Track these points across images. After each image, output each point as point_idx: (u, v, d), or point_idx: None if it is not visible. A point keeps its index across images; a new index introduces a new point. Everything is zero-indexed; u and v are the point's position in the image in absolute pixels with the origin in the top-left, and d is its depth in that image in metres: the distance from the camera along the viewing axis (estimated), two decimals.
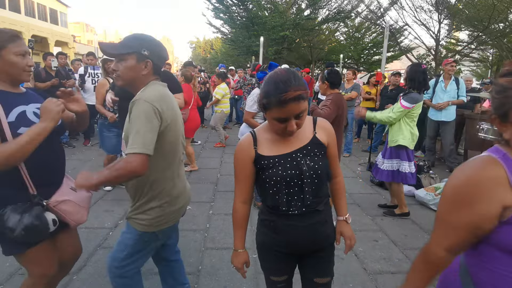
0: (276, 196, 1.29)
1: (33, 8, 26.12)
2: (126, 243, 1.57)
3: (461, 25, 15.18)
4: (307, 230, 1.31)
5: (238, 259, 1.47)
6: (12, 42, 1.43)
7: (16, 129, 1.40)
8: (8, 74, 1.45)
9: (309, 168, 1.26)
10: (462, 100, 5.24)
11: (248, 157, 1.31)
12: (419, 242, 3.09)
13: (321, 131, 1.35)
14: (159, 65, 1.50)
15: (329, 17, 18.16)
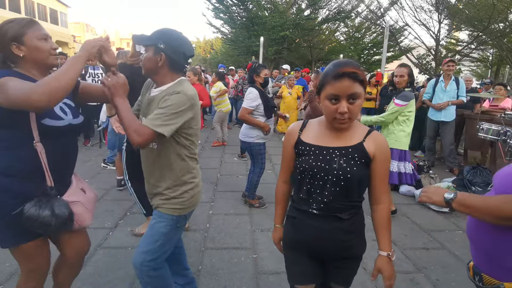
0: (301, 184, 1.31)
1: (33, 8, 26.13)
2: (160, 232, 1.65)
3: (461, 25, 15.19)
4: (327, 234, 1.29)
5: (275, 234, 1.55)
6: (31, 27, 1.43)
7: (40, 119, 1.40)
8: (35, 60, 1.45)
9: (339, 168, 1.23)
10: (462, 100, 5.24)
11: (292, 140, 1.36)
12: (419, 242, 3.10)
13: (371, 143, 1.28)
14: (175, 59, 1.56)
15: (329, 17, 18.18)
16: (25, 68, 1.45)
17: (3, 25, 1.42)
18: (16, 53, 1.41)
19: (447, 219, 3.67)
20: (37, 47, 1.43)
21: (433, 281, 2.51)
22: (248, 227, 3.30)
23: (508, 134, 4.05)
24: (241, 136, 3.75)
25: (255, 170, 3.77)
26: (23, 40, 1.41)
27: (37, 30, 1.44)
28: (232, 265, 2.63)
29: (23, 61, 1.44)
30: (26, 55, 1.42)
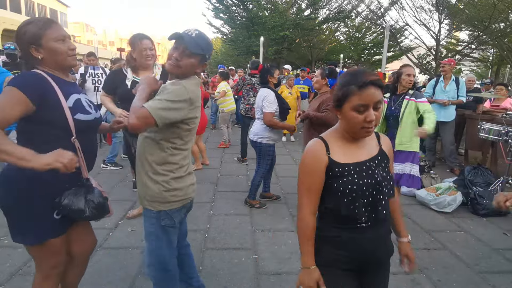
0: (351, 206, 1.21)
1: (33, 8, 26.16)
2: (148, 231, 1.68)
3: (462, 25, 15.18)
4: (374, 242, 1.27)
5: (312, 277, 1.25)
6: (49, 28, 1.44)
7: (74, 114, 1.47)
8: (55, 62, 1.47)
9: (382, 178, 1.24)
10: (461, 100, 5.23)
11: (322, 164, 1.23)
12: (420, 242, 3.09)
13: (385, 145, 1.34)
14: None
15: (329, 17, 18.16)
16: (47, 68, 1.49)
17: (22, 27, 1.43)
18: (35, 56, 1.43)
19: (448, 219, 3.66)
20: (54, 49, 1.44)
21: (435, 281, 2.50)
22: (249, 227, 3.29)
23: (509, 134, 4.04)
24: (252, 136, 3.73)
25: (259, 170, 3.76)
26: (41, 43, 1.42)
27: (55, 31, 1.45)
28: (233, 265, 2.62)
29: (43, 63, 1.47)
30: (45, 57, 1.45)
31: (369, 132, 1.20)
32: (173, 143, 1.59)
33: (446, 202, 3.79)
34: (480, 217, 3.72)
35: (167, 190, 1.60)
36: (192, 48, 1.49)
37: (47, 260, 1.56)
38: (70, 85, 1.56)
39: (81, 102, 1.55)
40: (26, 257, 2.56)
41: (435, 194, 3.95)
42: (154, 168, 1.59)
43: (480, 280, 2.54)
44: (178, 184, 1.64)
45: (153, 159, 1.58)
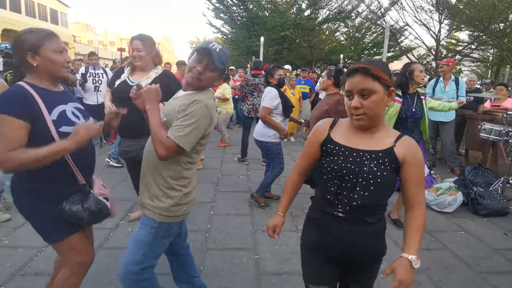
0: (327, 185, 1.28)
1: (33, 8, 26.13)
2: (141, 240, 1.63)
3: (462, 25, 15.18)
4: (353, 238, 1.28)
5: (272, 219, 1.49)
6: (49, 39, 1.48)
7: (58, 127, 1.48)
8: (49, 71, 1.50)
9: (369, 171, 1.22)
10: (462, 100, 5.23)
11: (320, 137, 1.33)
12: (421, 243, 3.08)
13: (402, 148, 1.25)
14: None
15: (329, 17, 18.16)
16: (37, 77, 1.51)
17: (23, 33, 1.48)
18: (30, 62, 1.46)
19: (449, 219, 3.66)
20: (52, 60, 1.48)
21: (435, 281, 2.50)
22: (250, 227, 3.29)
23: (510, 134, 4.04)
24: (256, 135, 3.72)
25: (274, 169, 3.77)
26: (39, 51, 1.46)
27: (54, 43, 1.50)
28: (234, 265, 2.62)
29: (36, 70, 1.49)
30: (40, 65, 1.48)
31: (358, 121, 1.22)
32: (190, 158, 1.60)
33: (447, 202, 3.79)
34: (480, 217, 3.72)
35: (178, 205, 1.60)
36: (217, 63, 1.51)
37: (72, 256, 1.63)
38: (57, 95, 1.56)
39: (65, 114, 1.54)
40: (27, 258, 2.56)
41: (436, 194, 3.95)
42: (169, 183, 1.57)
43: (480, 281, 2.54)
44: (187, 199, 1.64)
45: (169, 174, 1.56)
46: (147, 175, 1.62)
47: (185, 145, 1.45)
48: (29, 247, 2.70)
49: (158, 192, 1.57)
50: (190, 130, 1.45)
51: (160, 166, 1.56)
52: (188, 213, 1.72)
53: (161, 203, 1.57)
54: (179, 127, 1.45)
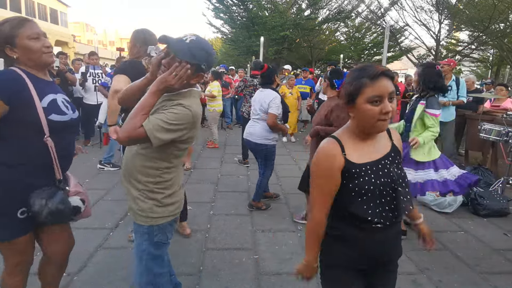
0: (365, 206, 1.19)
1: (33, 8, 26.14)
2: (140, 249, 1.57)
3: (462, 25, 15.17)
4: (385, 243, 1.26)
5: (312, 271, 1.32)
6: (22, 27, 1.42)
7: (48, 114, 1.44)
8: (30, 60, 1.46)
9: (397, 176, 1.22)
10: (462, 100, 5.24)
11: (337, 165, 1.19)
12: None
13: (396, 140, 1.33)
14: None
15: (329, 17, 18.16)
16: (24, 67, 1.47)
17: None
18: (10, 55, 1.42)
19: (449, 220, 3.66)
20: (29, 47, 1.43)
21: (436, 282, 2.49)
22: (249, 227, 3.29)
23: (509, 134, 4.04)
24: (256, 138, 3.62)
25: (266, 173, 3.74)
26: (15, 42, 1.41)
27: (28, 29, 1.43)
28: (234, 266, 2.61)
29: (19, 61, 1.45)
30: (20, 56, 1.43)
31: (385, 125, 1.17)
32: (169, 162, 1.50)
33: (447, 203, 3.79)
34: (480, 218, 3.72)
35: (162, 205, 1.53)
36: (181, 55, 1.35)
37: (12, 257, 1.56)
38: (47, 84, 1.54)
39: (56, 103, 1.52)
40: None
41: (436, 195, 3.93)
42: (149, 187, 1.49)
43: (480, 281, 2.53)
44: (172, 199, 1.56)
45: (148, 179, 1.48)
46: (127, 182, 1.54)
47: (156, 140, 1.33)
48: None
49: (137, 195, 1.51)
50: (168, 130, 1.34)
51: (137, 173, 1.49)
52: (177, 213, 1.63)
53: (144, 204, 1.50)
54: (158, 121, 1.33)
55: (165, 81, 1.35)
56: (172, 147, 1.45)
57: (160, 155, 1.46)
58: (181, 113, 1.37)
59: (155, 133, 1.31)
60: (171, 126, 1.35)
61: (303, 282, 1.38)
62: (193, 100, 1.46)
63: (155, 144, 1.34)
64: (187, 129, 1.41)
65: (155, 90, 1.35)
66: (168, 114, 1.35)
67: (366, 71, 1.15)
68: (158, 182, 1.50)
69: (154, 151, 1.43)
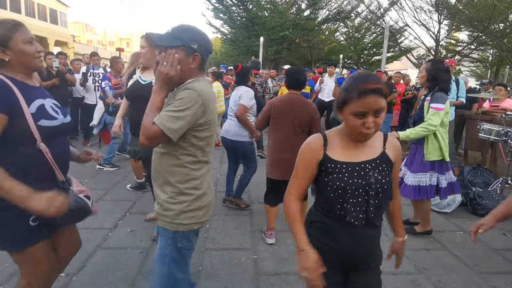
0: (338, 203, 1.25)
1: (33, 8, 26.14)
2: (163, 253, 1.52)
3: (461, 25, 15.18)
4: (364, 242, 1.29)
5: (309, 258, 1.23)
6: (17, 30, 1.42)
7: (37, 120, 1.42)
8: (22, 63, 1.45)
9: (376, 181, 1.24)
10: (461, 101, 5.25)
11: (315, 157, 1.28)
12: (420, 243, 3.08)
13: (390, 149, 1.32)
14: (205, 59, 1.46)
15: (329, 17, 18.17)
16: (11, 71, 1.44)
17: None
18: (2, 58, 1.41)
19: (448, 219, 3.66)
20: (23, 51, 1.42)
21: (434, 282, 2.50)
22: (248, 227, 3.29)
23: (508, 134, 4.05)
24: (230, 135, 3.52)
25: (249, 170, 3.69)
26: (8, 45, 1.40)
27: (22, 33, 1.43)
28: (233, 266, 2.62)
29: (8, 64, 1.43)
30: (12, 59, 1.42)
31: (366, 138, 1.22)
32: (194, 157, 1.44)
33: (446, 203, 3.79)
34: (479, 218, 3.71)
35: (189, 210, 1.47)
36: (165, 43, 1.35)
37: (30, 268, 1.52)
38: (34, 90, 1.51)
39: (45, 108, 1.49)
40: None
41: None
42: (178, 188, 1.45)
43: (480, 281, 2.54)
44: (201, 202, 1.50)
45: (176, 179, 1.44)
46: (157, 186, 1.51)
47: (171, 133, 1.30)
48: None
49: (168, 199, 1.46)
50: (178, 117, 1.31)
51: (166, 175, 1.45)
52: (205, 221, 1.56)
53: (169, 211, 1.45)
54: (167, 113, 1.32)
55: (160, 74, 1.35)
56: (190, 136, 1.40)
57: (182, 150, 1.42)
58: (186, 96, 1.33)
59: (166, 124, 1.29)
60: (180, 113, 1.31)
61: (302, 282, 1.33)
62: (201, 83, 1.40)
63: (174, 138, 1.32)
64: (197, 111, 1.35)
65: (157, 87, 1.38)
66: (175, 102, 1.33)
67: (357, 84, 1.15)
68: (187, 181, 1.45)
69: (175, 146, 1.40)
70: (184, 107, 1.32)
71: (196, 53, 1.40)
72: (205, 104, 1.37)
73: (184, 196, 1.46)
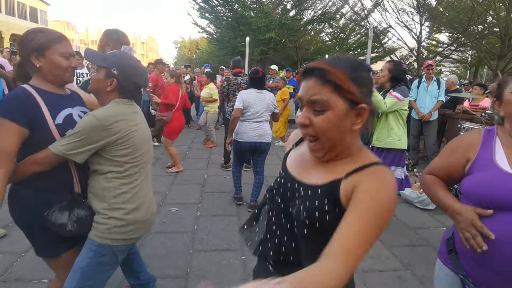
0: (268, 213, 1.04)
1: (13, 6, 25.34)
2: (77, 265, 1.47)
3: (442, 27, 15.61)
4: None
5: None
6: (58, 43, 1.44)
7: (64, 131, 1.43)
8: (51, 74, 1.46)
9: (296, 214, 0.88)
10: (441, 100, 5.42)
11: (286, 151, 1.11)
12: (405, 240, 3.15)
13: (354, 183, 0.80)
14: (126, 87, 1.48)
15: (314, 18, 18.34)
16: (40, 79, 1.46)
17: (32, 32, 1.44)
18: (34, 63, 1.43)
19: (432, 216, 3.75)
20: (57, 63, 1.44)
21: (420, 277, 2.55)
22: (236, 228, 3.28)
23: None
24: (268, 139, 3.69)
25: (262, 169, 3.85)
26: (44, 53, 1.42)
27: (63, 47, 1.46)
28: (221, 267, 2.60)
29: (39, 71, 1.45)
30: (43, 67, 1.43)
31: (311, 145, 0.86)
32: (117, 172, 1.44)
33: (429, 200, 3.88)
34: None
35: (122, 226, 1.45)
36: (91, 58, 1.48)
37: (63, 272, 1.55)
38: (63, 99, 1.51)
39: (72, 117, 1.50)
40: (7, 263, 2.48)
41: (419, 192, 4.04)
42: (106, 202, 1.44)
43: None
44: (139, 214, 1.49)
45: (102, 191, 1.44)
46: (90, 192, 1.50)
47: (59, 151, 1.32)
48: (8, 253, 2.61)
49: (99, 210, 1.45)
50: (70, 140, 1.32)
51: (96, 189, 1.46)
52: (139, 236, 1.55)
53: (102, 225, 1.43)
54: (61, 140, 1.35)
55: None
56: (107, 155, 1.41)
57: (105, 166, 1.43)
58: (85, 124, 1.34)
59: (59, 147, 1.33)
60: (75, 136, 1.33)
61: None
62: (106, 107, 1.43)
63: (70, 155, 1.33)
64: (90, 130, 1.33)
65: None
66: (73, 131, 1.36)
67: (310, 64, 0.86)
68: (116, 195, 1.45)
69: (99, 164, 1.43)
70: (78, 130, 1.34)
71: (113, 78, 1.45)
72: (103, 124, 1.34)
73: (114, 212, 1.44)
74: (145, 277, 2.05)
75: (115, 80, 1.45)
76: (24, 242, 2.44)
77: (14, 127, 1.30)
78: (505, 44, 12.26)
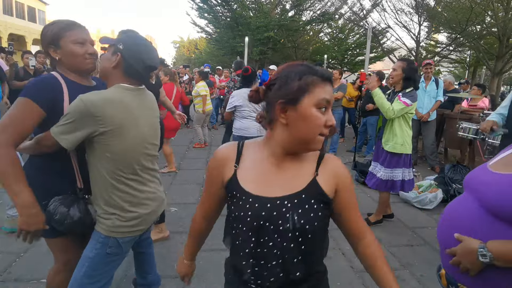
0: (237, 245, 0.93)
1: (11, 6, 25.25)
2: (85, 255, 1.46)
3: (440, 27, 15.63)
4: None
5: (179, 268, 1.29)
6: (69, 30, 1.42)
7: None
8: (71, 64, 1.44)
9: (294, 228, 0.86)
10: (440, 100, 5.43)
11: (221, 175, 0.97)
12: (404, 239, 3.16)
13: (326, 174, 0.92)
14: (131, 64, 1.36)
15: (313, 18, 18.36)
16: (64, 70, 1.46)
17: (46, 26, 1.45)
18: (53, 56, 1.43)
19: (430, 216, 3.76)
20: (71, 51, 1.42)
21: (418, 277, 2.56)
22: None
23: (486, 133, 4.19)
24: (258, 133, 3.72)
25: None
26: (59, 44, 1.41)
27: (74, 34, 1.43)
28: (221, 266, 2.58)
29: (60, 63, 1.45)
30: (62, 58, 1.43)
31: (321, 143, 0.88)
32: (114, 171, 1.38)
33: (428, 199, 3.90)
34: None
35: (129, 219, 1.44)
36: (103, 41, 1.44)
37: (59, 255, 1.59)
38: (86, 90, 1.43)
39: None
40: (6, 263, 2.48)
41: (417, 192, 4.05)
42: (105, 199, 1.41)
43: None
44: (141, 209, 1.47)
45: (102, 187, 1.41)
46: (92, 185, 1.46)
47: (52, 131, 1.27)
48: (7, 253, 2.61)
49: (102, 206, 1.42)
50: (60, 122, 1.28)
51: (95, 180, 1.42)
52: (145, 227, 1.54)
53: (107, 220, 1.41)
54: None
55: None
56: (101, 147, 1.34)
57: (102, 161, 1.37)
58: (73, 108, 1.26)
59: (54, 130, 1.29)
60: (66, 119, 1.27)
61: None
62: (102, 92, 1.33)
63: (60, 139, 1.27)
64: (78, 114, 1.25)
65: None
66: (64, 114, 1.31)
67: (311, 68, 0.87)
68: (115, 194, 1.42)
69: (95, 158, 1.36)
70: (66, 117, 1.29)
71: (118, 53, 1.37)
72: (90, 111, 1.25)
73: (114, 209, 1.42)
74: (151, 279, 2.06)
75: (120, 54, 1.36)
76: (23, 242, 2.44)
77: (35, 108, 1.31)
78: (503, 45, 12.29)
